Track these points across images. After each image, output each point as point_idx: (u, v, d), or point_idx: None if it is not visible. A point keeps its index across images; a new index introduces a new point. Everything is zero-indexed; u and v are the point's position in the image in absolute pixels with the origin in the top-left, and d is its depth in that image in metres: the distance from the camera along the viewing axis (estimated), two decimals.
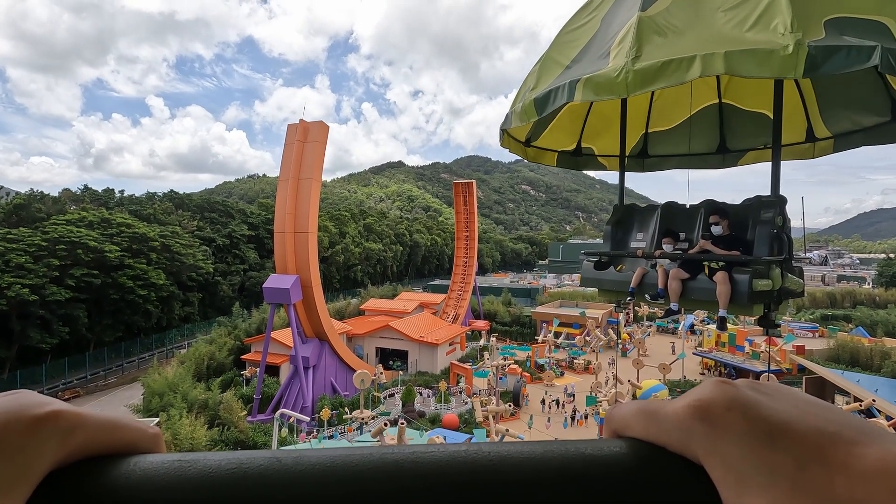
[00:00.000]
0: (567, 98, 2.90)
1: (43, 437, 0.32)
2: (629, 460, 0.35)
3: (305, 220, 33.06)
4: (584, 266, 4.58)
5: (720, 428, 0.32)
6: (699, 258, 3.82)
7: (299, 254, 33.10)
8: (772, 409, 0.32)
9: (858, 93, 3.93)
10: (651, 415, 0.37)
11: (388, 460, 0.34)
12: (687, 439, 0.34)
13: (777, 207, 3.50)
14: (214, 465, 0.34)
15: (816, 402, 0.33)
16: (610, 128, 4.64)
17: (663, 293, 3.88)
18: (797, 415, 0.31)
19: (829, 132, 4.30)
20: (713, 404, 0.33)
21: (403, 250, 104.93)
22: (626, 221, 4.55)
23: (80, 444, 0.34)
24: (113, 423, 0.36)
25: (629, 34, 2.73)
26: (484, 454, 0.34)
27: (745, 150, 4.75)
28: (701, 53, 2.44)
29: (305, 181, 33.41)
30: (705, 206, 4.18)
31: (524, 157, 4.62)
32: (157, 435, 0.40)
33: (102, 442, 0.35)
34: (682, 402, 0.34)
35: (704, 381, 0.35)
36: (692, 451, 0.33)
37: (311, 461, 0.34)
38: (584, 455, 0.34)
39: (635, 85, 2.59)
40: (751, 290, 3.34)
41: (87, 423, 0.34)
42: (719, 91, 4.64)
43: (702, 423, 0.33)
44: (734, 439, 0.31)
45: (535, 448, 0.35)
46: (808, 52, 2.23)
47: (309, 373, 33.35)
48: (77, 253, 39.35)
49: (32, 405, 0.33)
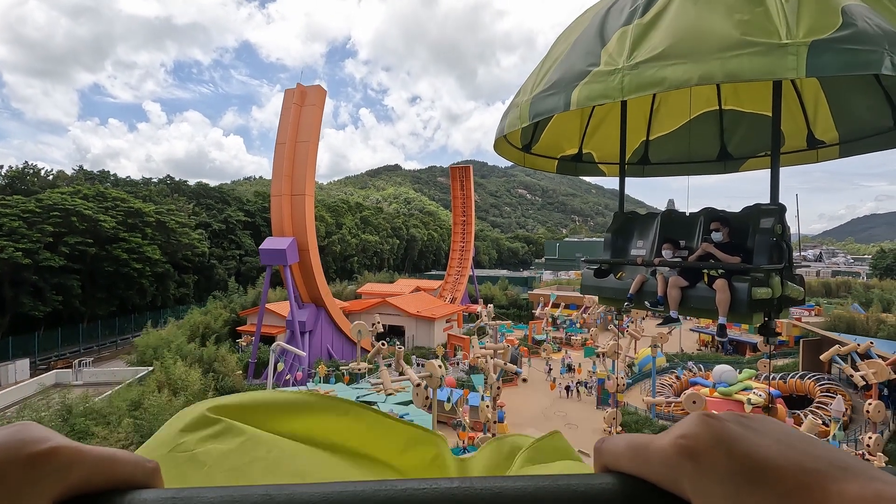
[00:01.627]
0: (564, 105, 2.89)
1: (41, 474, 0.32)
2: (618, 496, 0.35)
3: (302, 182, 33.05)
4: (585, 274, 4.59)
5: (706, 466, 0.32)
6: (699, 266, 3.82)
7: (296, 216, 33.04)
8: (755, 445, 0.32)
9: (861, 97, 3.89)
10: (640, 450, 0.37)
11: (380, 497, 0.34)
12: (675, 476, 0.34)
13: (777, 216, 3.49)
14: (208, 502, 0.33)
15: (801, 437, 0.34)
16: (609, 134, 4.64)
17: (662, 300, 3.89)
18: (781, 450, 0.32)
19: (834, 138, 4.28)
20: (698, 441, 0.33)
21: (400, 244, 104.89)
22: (626, 229, 4.57)
23: (77, 480, 0.34)
24: (111, 458, 0.36)
25: (625, 37, 2.72)
26: (476, 490, 0.34)
27: (746, 157, 4.76)
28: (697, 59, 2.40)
29: (303, 144, 33.43)
30: (705, 213, 4.19)
31: (521, 163, 4.60)
32: (155, 469, 0.40)
33: (100, 476, 0.35)
34: (669, 438, 0.35)
35: (690, 416, 0.36)
36: (681, 488, 0.33)
37: (304, 497, 0.33)
38: (574, 491, 0.34)
39: (630, 89, 2.58)
40: (750, 298, 3.35)
41: (85, 459, 0.34)
42: (719, 93, 4.64)
43: (688, 461, 0.33)
44: (720, 478, 0.31)
45: (526, 484, 0.35)
46: (808, 51, 2.18)
47: (305, 337, 33.16)
48: (71, 221, 39.13)
49: (31, 441, 0.33)
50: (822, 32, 2.21)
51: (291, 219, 33.00)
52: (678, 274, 3.91)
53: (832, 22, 2.24)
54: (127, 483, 0.37)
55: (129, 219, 44.78)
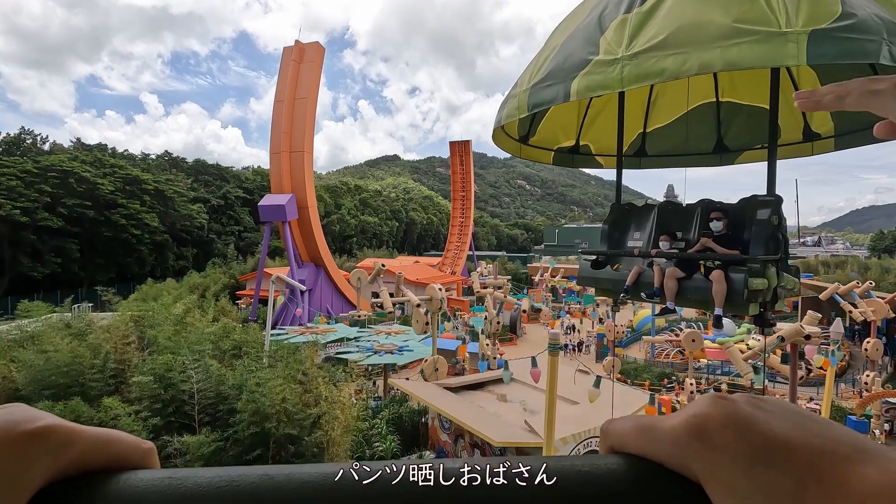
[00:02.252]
0: (562, 94, 2.86)
1: (35, 453, 0.32)
2: (626, 477, 0.34)
3: (301, 139, 32.91)
4: (582, 265, 4.62)
5: (717, 446, 0.31)
6: (697, 257, 3.84)
7: (295, 173, 32.91)
8: (769, 425, 0.31)
9: None
10: (647, 431, 0.36)
11: (385, 477, 0.34)
12: (684, 457, 0.33)
13: (774, 206, 3.51)
14: (205, 482, 0.33)
15: (814, 419, 0.33)
16: (606, 125, 4.63)
17: (659, 292, 3.91)
18: (795, 432, 0.30)
19: (830, 130, 4.29)
20: (710, 421, 0.32)
21: (399, 226, 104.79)
22: (622, 221, 4.57)
23: (72, 460, 0.33)
24: (106, 438, 0.36)
25: (625, 27, 2.69)
26: (478, 471, 0.34)
27: (742, 149, 4.75)
28: (697, 48, 2.38)
29: (301, 100, 33.23)
30: (702, 205, 4.20)
31: (518, 155, 4.60)
32: (151, 450, 0.39)
33: (95, 457, 0.35)
34: (679, 419, 0.34)
35: (702, 397, 0.35)
36: (690, 469, 0.33)
37: (303, 478, 0.33)
38: (580, 471, 0.34)
39: (630, 80, 2.56)
40: (747, 288, 3.36)
41: (80, 438, 0.34)
42: (716, 84, 4.62)
43: (699, 441, 0.32)
44: (731, 458, 0.31)
45: (532, 464, 0.35)
46: (808, 39, 2.18)
47: (305, 296, 33.14)
48: (69, 183, 39.13)
49: (25, 420, 0.33)
50: (822, 21, 2.23)
51: (290, 176, 32.87)
52: (675, 265, 3.93)
53: (832, 11, 2.25)
54: (122, 463, 0.36)
55: (128, 185, 44.75)
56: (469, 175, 59.90)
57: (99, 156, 45.96)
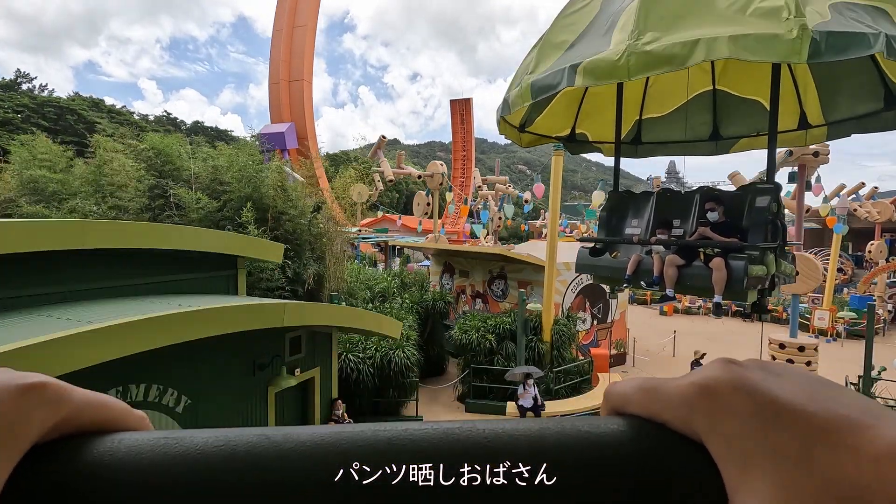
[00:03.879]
0: (567, 82, 2.88)
1: (31, 405, 0.32)
2: (626, 436, 0.34)
3: (300, 68, 32.39)
4: (580, 252, 4.61)
5: (724, 407, 0.31)
6: (696, 245, 3.86)
7: (294, 103, 32.43)
8: (780, 389, 0.31)
9: (853, 80, 3.94)
10: (652, 391, 0.36)
11: (380, 438, 0.34)
12: (689, 416, 0.33)
13: (772, 194, 3.54)
14: (201, 443, 0.33)
15: (828, 384, 0.32)
16: (604, 113, 4.65)
17: (658, 280, 3.91)
18: (807, 396, 0.30)
19: (825, 119, 4.31)
20: (719, 383, 0.32)
21: (400, 197, 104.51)
22: (620, 208, 4.59)
23: (65, 418, 0.33)
24: (99, 400, 0.36)
25: (630, 17, 2.71)
26: (478, 431, 0.34)
27: (738, 138, 4.77)
28: (704, 37, 2.42)
29: (300, 28, 32.68)
30: (701, 192, 4.22)
31: (519, 143, 4.62)
32: (143, 418, 0.39)
33: (89, 416, 0.35)
34: (687, 381, 0.34)
35: (711, 362, 0.35)
36: (693, 429, 0.33)
37: (301, 438, 0.34)
38: (579, 431, 0.34)
39: (637, 69, 2.58)
40: (747, 276, 3.40)
41: (73, 397, 0.34)
42: (714, 77, 4.63)
43: (706, 402, 0.32)
44: (739, 418, 0.30)
45: (530, 425, 0.35)
46: (812, 37, 2.22)
47: None
48: (67, 119, 38.75)
49: (18, 376, 0.33)
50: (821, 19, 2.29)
51: (290, 106, 32.41)
52: (674, 252, 3.94)
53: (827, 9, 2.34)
54: (116, 426, 0.36)
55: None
56: (470, 134, 59.37)
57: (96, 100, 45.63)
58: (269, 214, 12.01)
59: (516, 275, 15.62)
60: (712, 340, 20.16)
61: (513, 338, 13.04)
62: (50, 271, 5.59)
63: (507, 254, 15.32)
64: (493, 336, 13.03)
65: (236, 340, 6.93)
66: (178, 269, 7.24)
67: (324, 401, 9.36)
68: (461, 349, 13.15)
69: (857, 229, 27.62)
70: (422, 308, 15.01)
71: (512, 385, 11.85)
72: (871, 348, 11.32)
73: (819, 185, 16.69)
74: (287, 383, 7.74)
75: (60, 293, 5.69)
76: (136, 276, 6.62)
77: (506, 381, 11.88)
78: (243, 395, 7.29)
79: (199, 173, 12.61)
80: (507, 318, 13.55)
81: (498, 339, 13.09)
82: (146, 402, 5.83)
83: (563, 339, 13.49)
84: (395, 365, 11.05)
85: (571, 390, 13.01)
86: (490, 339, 12.91)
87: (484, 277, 16.70)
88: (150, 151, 12.41)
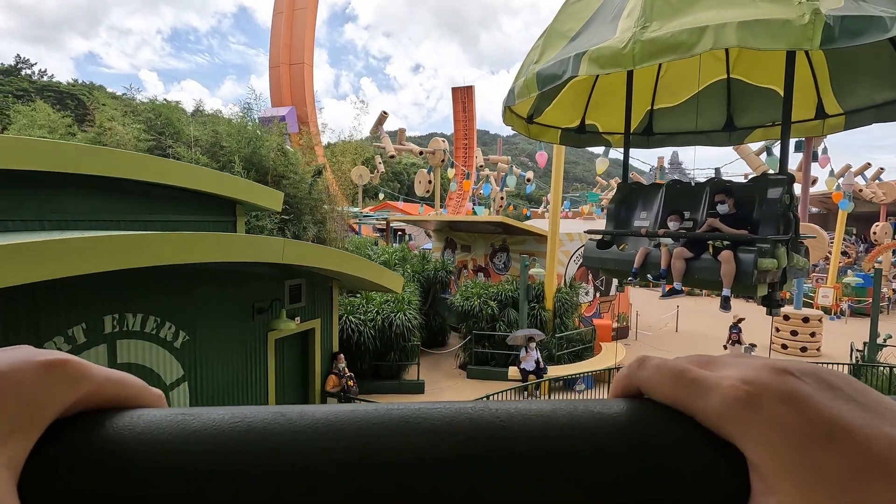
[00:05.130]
0: (572, 71, 2.83)
1: (54, 379, 0.33)
2: (648, 423, 0.33)
3: (301, 51, 32.13)
4: (588, 245, 4.57)
5: (770, 419, 0.29)
6: (705, 237, 3.78)
7: (294, 86, 32.19)
8: (836, 408, 0.28)
9: (871, 67, 3.80)
10: (686, 380, 0.33)
11: (393, 416, 0.34)
12: (726, 417, 0.30)
13: (785, 185, 3.43)
14: (218, 419, 0.34)
15: (883, 400, 0.29)
16: (614, 104, 4.57)
17: (666, 273, 3.84)
18: (865, 417, 0.28)
19: (841, 108, 4.19)
20: (767, 392, 0.29)
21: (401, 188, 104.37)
22: (629, 200, 4.53)
23: (87, 393, 0.34)
24: (118, 378, 0.37)
25: (637, 4, 2.65)
26: (491, 411, 0.34)
27: (753, 128, 4.66)
28: (712, 24, 2.35)
29: (300, 11, 32.40)
30: (711, 184, 4.14)
31: (526, 134, 4.56)
32: (160, 395, 0.40)
33: (108, 393, 0.36)
34: (730, 379, 0.31)
35: (758, 364, 0.32)
36: (727, 429, 0.30)
37: (316, 416, 0.34)
38: (592, 412, 0.34)
39: (643, 57, 2.53)
40: (756, 269, 3.31)
41: (93, 374, 0.35)
42: (728, 66, 4.50)
43: (749, 409, 0.29)
44: (784, 431, 0.28)
45: (542, 406, 0.35)
46: (825, 23, 2.15)
47: None
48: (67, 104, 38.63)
49: (39, 353, 0.34)
50: (835, 5, 2.22)
51: (290, 89, 32.18)
52: (683, 245, 3.87)
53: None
54: (134, 403, 0.37)
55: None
56: (472, 122, 59.09)
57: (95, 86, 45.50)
58: (269, 177, 11.91)
59: (518, 247, 15.52)
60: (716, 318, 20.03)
61: (515, 305, 12.97)
62: (45, 198, 5.50)
63: (509, 222, 15.20)
64: (496, 303, 12.93)
65: (235, 279, 6.83)
66: (177, 209, 7.14)
67: (324, 353, 9.34)
68: (462, 316, 13.08)
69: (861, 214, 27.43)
70: (423, 278, 14.90)
71: (513, 351, 11.77)
72: (877, 314, 11.21)
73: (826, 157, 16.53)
74: (287, 328, 7.67)
75: (54, 221, 5.60)
76: (132, 213, 6.53)
77: (508, 347, 11.78)
78: (243, 337, 7.24)
79: (199, 136, 12.51)
80: (510, 286, 13.48)
81: (500, 306, 13.03)
82: (143, 332, 5.77)
83: (566, 308, 13.41)
84: (397, 328, 10.99)
85: (574, 357, 12.95)
86: (492, 306, 12.84)
87: (486, 251, 16.60)
88: (150, 112, 12.30)
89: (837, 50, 3.61)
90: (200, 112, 58.36)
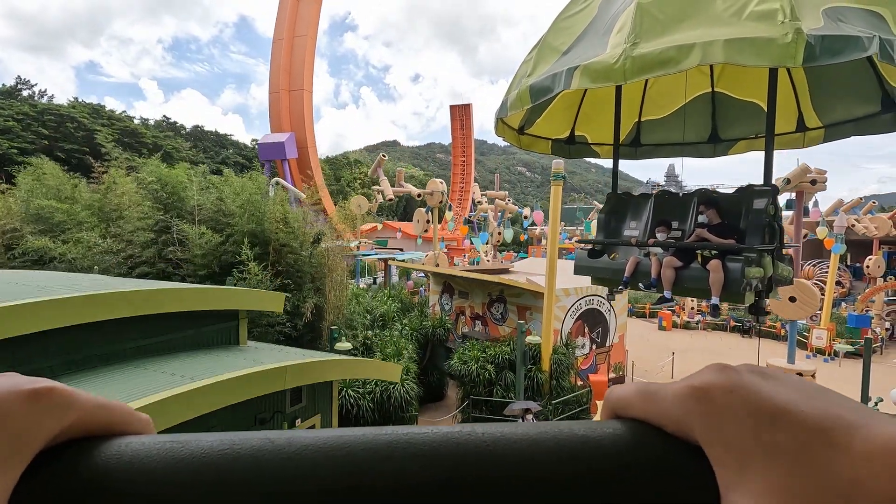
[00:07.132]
0: (564, 85, 2.90)
1: (40, 410, 0.32)
2: (622, 439, 0.35)
3: (301, 77, 32.52)
4: (578, 254, 4.66)
5: (720, 410, 0.32)
6: (693, 247, 3.88)
7: (294, 112, 32.56)
8: (775, 392, 0.31)
9: (850, 83, 3.96)
10: (649, 395, 0.37)
11: (381, 441, 0.35)
12: (685, 419, 0.33)
13: (770, 197, 3.55)
14: (206, 447, 0.34)
15: (821, 388, 0.33)
16: (603, 115, 4.67)
17: (656, 282, 3.92)
18: (801, 399, 0.31)
19: (821, 122, 4.33)
20: (714, 386, 0.33)
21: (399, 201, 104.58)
22: (619, 210, 4.61)
23: (74, 422, 0.34)
24: (105, 405, 0.36)
25: (627, 21, 2.73)
26: (477, 435, 0.35)
27: (737, 140, 4.79)
28: (700, 41, 2.45)
29: (300, 38, 32.82)
30: (699, 195, 4.23)
31: (517, 145, 4.64)
32: (148, 421, 0.40)
33: (96, 420, 0.35)
34: (683, 384, 0.35)
35: (706, 367, 0.35)
36: (689, 431, 0.33)
37: (304, 442, 0.34)
38: (576, 434, 0.35)
39: (633, 72, 2.61)
40: (744, 278, 3.41)
41: (80, 401, 0.35)
42: (712, 80, 4.64)
43: (701, 405, 0.33)
44: (734, 420, 0.31)
45: (528, 429, 0.36)
46: (806, 41, 2.25)
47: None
48: (67, 127, 38.72)
49: (25, 381, 0.34)
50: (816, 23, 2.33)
51: (290, 114, 32.54)
52: (672, 254, 3.96)
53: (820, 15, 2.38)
54: (121, 430, 0.37)
55: (126, 138, 44.37)
56: (470, 139, 59.56)
57: (95, 106, 45.74)
58: (271, 248, 12.10)
59: (515, 299, 15.69)
60: (711, 356, 20.23)
61: (512, 367, 13.12)
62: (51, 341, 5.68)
63: (506, 282, 15.41)
64: (493, 366, 13.12)
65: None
66: (179, 326, 7.31)
67: None
68: (460, 379, 13.27)
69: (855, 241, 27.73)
70: (421, 335, 15.11)
71: (511, 418, 11.93)
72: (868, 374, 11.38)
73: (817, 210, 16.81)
74: None
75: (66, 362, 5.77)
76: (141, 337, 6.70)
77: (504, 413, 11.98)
78: None
79: (203, 204, 12.72)
80: (507, 348, 13.62)
81: (497, 369, 13.17)
82: None
83: (562, 368, 13.56)
84: (395, 400, 11.14)
85: (571, 419, 13.11)
86: (489, 370, 13.00)
87: (483, 300, 16.76)
88: (156, 184, 12.54)
89: (817, 67, 3.77)
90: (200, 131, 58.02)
